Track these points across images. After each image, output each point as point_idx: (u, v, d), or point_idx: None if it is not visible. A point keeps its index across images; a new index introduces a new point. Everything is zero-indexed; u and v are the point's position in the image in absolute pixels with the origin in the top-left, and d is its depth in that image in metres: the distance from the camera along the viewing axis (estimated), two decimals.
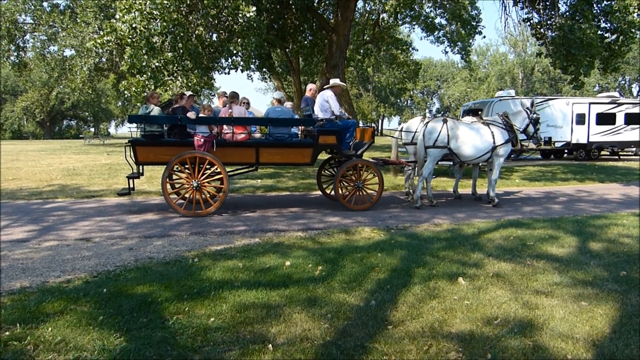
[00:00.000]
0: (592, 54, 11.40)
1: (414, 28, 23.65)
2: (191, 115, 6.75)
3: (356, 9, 17.18)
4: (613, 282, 3.93)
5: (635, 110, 20.05)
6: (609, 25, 12.30)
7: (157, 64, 9.51)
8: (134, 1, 9.04)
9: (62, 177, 11.39)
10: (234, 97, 7.44)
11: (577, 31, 10.87)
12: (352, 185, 7.41)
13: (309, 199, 8.78)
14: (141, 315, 3.12)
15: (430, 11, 19.30)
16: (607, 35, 12.46)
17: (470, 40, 19.19)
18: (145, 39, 9.11)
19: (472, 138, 7.69)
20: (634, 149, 22.24)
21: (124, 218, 6.64)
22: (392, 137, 9.53)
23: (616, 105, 19.93)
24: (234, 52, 10.38)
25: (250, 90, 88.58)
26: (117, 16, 9.42)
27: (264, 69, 21.85)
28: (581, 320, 3.17)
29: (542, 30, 12.60)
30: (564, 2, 12.48)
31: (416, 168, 8.30)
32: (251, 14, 9.35)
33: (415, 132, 8.29)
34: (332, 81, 7.78)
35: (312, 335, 2.91)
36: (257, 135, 7.62)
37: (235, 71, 12.97)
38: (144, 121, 6.70)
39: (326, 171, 8.66)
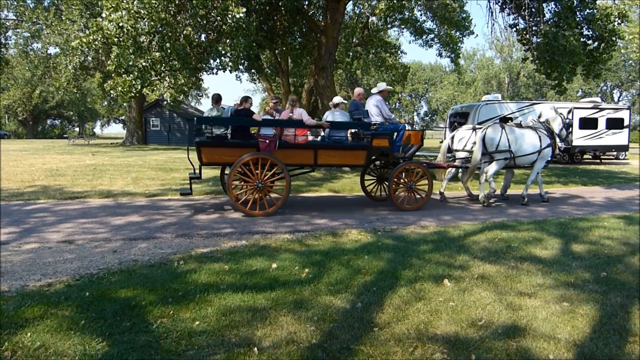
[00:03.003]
0: (575, 61, 11.67)
1: (402, 32, 23.81)
2: (257, 117, 7.25)
3: (345, 11, 17.23)
4: (594, 283, 4.01)
5: (617, 115, 20.56)
6: (591, 32, 12.59)
7: (144, 63, 9.42)
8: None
9: (44, 178, 11.16)
10: (294, 101, 7.80)
11: (561, 38, 11.11)
12: (404, 186, 7.73)
13: (296, 201, 8.77)
14: (124, 319, 3.08)
15: (421, 14, 19.44)
16: (589, 42, 12.75)
17: (460, 43, 19.39)
18: (133, 39, 9.00)
19: (527, 142, 8.42)
20: (615, 153, 22.83)
21: (108, 220, 6.54)
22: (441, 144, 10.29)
23: (598, 110, 20.39)
24: (223, 52, 10.32)
25: (239, 92, 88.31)
26: (104, 14, 9.30)
27: (253, 70, 21.76)
28: (563, 321, 3.23)
29: (527, 36, 12.82)
30: (549, 10, 12.71)
31: (456, 172, 9.22)
32: (241, 14, 9.32)
33: (468, 140, 8.92)
34: (380, 85, 8.26)
35: (298, 338, 2.90)
36: (310, 137, 7.95)
37: (224, 72, 12.88)
38: (213, 123, 6.98)
39: (369, 174, 8.98)
